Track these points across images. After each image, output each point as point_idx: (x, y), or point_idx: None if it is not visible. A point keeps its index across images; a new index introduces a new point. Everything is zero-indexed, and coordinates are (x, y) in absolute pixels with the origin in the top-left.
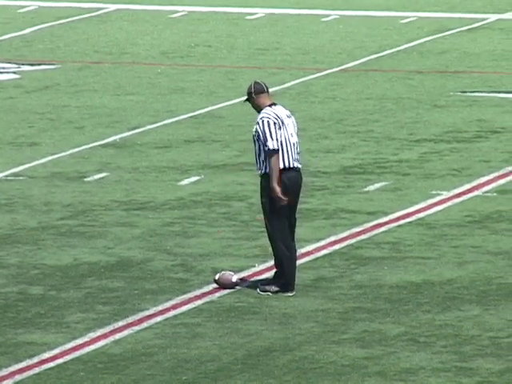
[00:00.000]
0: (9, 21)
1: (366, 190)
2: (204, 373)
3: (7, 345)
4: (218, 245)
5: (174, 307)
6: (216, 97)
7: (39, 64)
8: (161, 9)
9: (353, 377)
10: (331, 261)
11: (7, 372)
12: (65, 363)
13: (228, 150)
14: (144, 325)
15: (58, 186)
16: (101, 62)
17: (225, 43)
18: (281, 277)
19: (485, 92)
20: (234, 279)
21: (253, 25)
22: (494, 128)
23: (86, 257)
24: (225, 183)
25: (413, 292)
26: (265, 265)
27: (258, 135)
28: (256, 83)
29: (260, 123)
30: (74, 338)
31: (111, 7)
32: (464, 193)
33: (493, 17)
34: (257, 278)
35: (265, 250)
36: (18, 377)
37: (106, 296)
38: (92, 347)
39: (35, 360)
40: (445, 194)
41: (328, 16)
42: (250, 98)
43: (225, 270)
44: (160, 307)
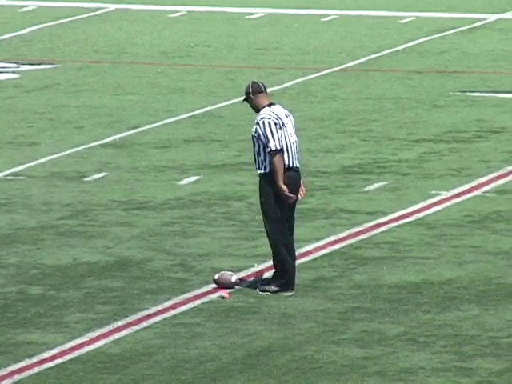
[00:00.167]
0: (8, 20)
1: (366, 190)
2: (203, 373)
3: (6, 344)
4: (218, 245)
5: (174, 307)
6: (215, 96)
7: (39, 64)
8: (160, 8)
9: (352, 377)
10: (330, 261)
11: (6, 372)
12: (64, 363)
13: (227, 150)
14: (143, 324)
15: (58, 186)
16: (100, 62)
17: (224, 43)
18: (280, 277)
19: (484, 92)
20: (234, 279)
21: (252, 25)
22: (494, 128)
23: (86, 256)
24: (224, 183)
25: (412, 292)
26: (264, 265)
27: (259, 135)
28: (254, 83)
29: (261, 124)
30: (74, 338)
31: (111, 7)
32: (463, 193)
33: (492, 17)
34: (251, 278)
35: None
36: (17, 376)
37: (106, 296)
38: (91, 347)
39: (34, 360)
40: (444, 194)
41: (327, 16)
42: (248, 98)
43: (224, 270)
44: (159, 307)
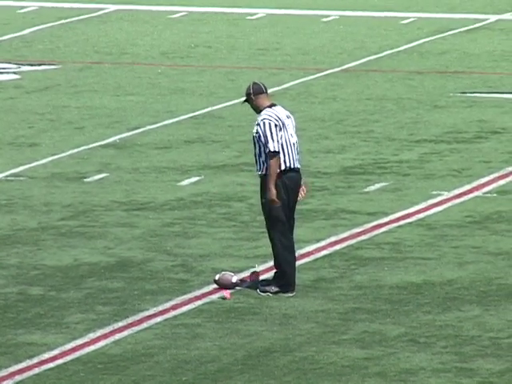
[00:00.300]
0: (9, 21)
1: (367, 191)
2: (204, 373)
3: (7, 345)
4: (218, 245)
5: (174, 308)
6: (216, 97)
7: (39, 64)
8: (161, 9)
9: (353, 377)
10: (331, 261)
11: (7, 372)
12: (65, 364)
13: (228, 151)
14: (144, 325)
15: (58, 187)
16: (101, 63)
17: (225, 44)
18: (280, 277)
19: (485, 92)
20: (234, 280)
21: (253, 25)
22: (494, 128)
23: (86, 257)
24: (225, 184)
25: (413, 293)
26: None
27: (259, 136)
28: (255, 84)
29: (261, 125)
30: (74, 339)
31: (111, 8)
32: (464, 193)
33: (493, 17)
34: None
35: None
36: (18, 377)
37: (106, 296)
38: (92, 348)
39: (35, 360)
40: (445, 195)
41: (328, 16)
42: (249, 99)
43: (225, 271)
44: (160, 308)
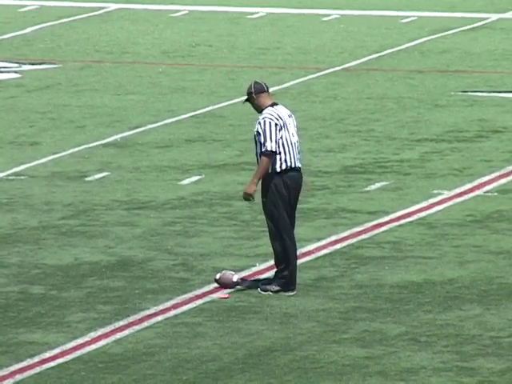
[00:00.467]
0: (10, 20)
1: (367, 190)
2: (205, 372)
3: (8, 344)
4: (219, 244)
5: (175, 307)
6: (217, 96)
7: (40, 63)
8: (162, 8)
9: (354, 376)
10: (332, 260)
11: (8, 371)
12: (66, 363)
13: (229, 150)
14: (145, 324)
15: (59, 186)
16: (102, 62)
17: (226, 43)
18: (281, 276)
19: (486, 92)
20: (235, 279)
21: (254, 24)
22: (495, 128)
23: (87, 256)
24: (226, 183)
25: (414, 292)
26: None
27: (259, 134)
28: (256, 83)
29: (262, 123)
30: (75, 338)
31: (112, 6)
32: (465, 192)
33: (494, 16)
34: (255, 277)
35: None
36: (19, 376)
37: (107, 295)
38: (93, 347)
39: (36, 359)
40: (446, 194)
41: (329, 15)
42: (251, 98)
43: (226, 270)
44: (161, 307)
